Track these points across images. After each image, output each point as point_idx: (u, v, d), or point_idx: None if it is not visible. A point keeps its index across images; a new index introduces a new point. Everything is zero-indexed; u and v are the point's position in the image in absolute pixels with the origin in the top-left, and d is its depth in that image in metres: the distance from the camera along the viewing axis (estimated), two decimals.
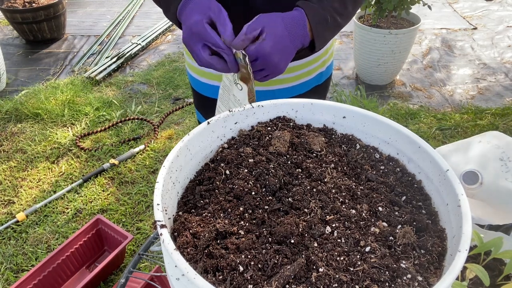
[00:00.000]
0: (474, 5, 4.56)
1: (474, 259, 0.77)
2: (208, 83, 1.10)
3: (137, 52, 3.67)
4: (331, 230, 0.55)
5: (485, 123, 2.69)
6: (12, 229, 2.05)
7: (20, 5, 3.65)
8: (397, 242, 0.54)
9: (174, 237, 0.55)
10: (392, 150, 0.69)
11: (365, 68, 3.16)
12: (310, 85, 1.11)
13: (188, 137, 0.64)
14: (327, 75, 1.16)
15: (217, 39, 0.75)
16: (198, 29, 0.75)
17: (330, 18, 0.83)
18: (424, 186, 0.64)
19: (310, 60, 1.06)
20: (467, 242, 0.48)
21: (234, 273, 0.49)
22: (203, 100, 1.15)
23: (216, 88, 1.09)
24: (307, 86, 1.11)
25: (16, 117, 2.84)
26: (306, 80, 1.09)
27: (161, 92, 3.15)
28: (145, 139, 2.65)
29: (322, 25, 0.82)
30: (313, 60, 1.07)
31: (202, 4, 0.77)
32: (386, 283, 0.49)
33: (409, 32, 2.88)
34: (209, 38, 0.75)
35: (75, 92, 3.06)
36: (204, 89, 1.13)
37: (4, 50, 3.71)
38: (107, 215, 2.12)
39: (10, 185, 2.31)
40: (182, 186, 0.64)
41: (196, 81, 1.14)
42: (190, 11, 0.77)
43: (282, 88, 1.07)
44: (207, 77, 1.10)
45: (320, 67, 1.11)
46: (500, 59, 3.51)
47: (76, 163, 2.46)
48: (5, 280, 1.82)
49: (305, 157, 0.67)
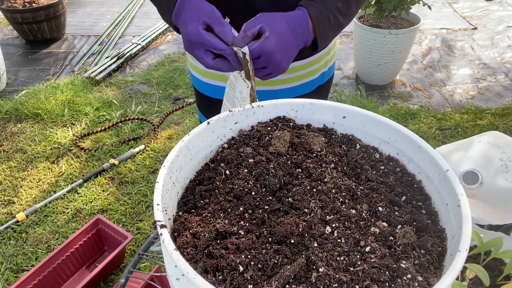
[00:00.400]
0: (474, 5, 4.56)
1: (474, 259, 0.77)
2: (211, 83, 1.11)
3: (137, 52, 3.67)
4: (331, 230, 0.55)
5: (485, 123, 2.69)
6: (12, 229, 2.05)
7: (20, 5, 3.65)
8: (397, 242, 0.54)
9: (174, 237, 0.55)
10: (392, 150, 0.69)
11: (365, 68, 3.16)
12: (313, 85, 1.11)
13: (188, 137, 0.64)
14: (330, 75, 1.17)
15: (217, 42, 0.75)
16: (196, 37, 0.76)
17: (333, 17, 0.83)
18: (424, 186, 0.64)
19: (313, 60, 1.06)
20: (467, 242, 0.48)
21: (234, 273, 0.49)
22: (206, 100, 1.16)
23: (218, 88, 1.10)
24: (310, 86, 1.11)
25: (16, 117, 2.84)
26: (309, 80, 1.09)
27: (161, 92, 3.16)
28: (145, 139, 2.65)
29: (324, 24, 0.82)
30: (316, 60, 1.07)
31: (195, 9, 0.77)
32: (386, 283, 0.49)
33: (409, 32, 2.88)
34: (208, 43, 0.75)
35: (75, 92, 3.06)
36: (206, 89, 1.13)
37: (4, 50, 3.71)
38: (107, 215, 2.12)
39: (10, 185, 2.31)
40: (182, 186, 0.64)
41: (199, 81, 1.14)
42: (185, 18, 0.78)
43: (285, 88, 1.08)
44: (209, 77, 1.10)
45: (323, 67, 1.11)
46: (500, 59, 3.51)
47: (76, 163, 2.46)
48: (5, 280, 1.82)
49: (305, 157, 0.67)
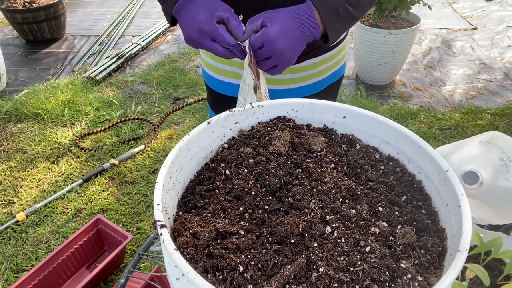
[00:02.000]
0: (474, 5, 4.55)
1: (474, 259, 0.77)
2: (224, 80, 1.12)
3: (137, 52, 3.67)
4: (331, 230, 0.55)
5: (485, 123, 2.69)
6: (12, 229, 2.05)
7: (20, 5, 3.65)
8: (397, 242, 0.54)
9: (174, 237, 0.55)
10: (392, 150, 0.69)
11: (365, 68, 3.16)
12: (324, 84, 1.12)
13: (188, 137, 0.64)
14: (341, 73, 1.17)
15: (227, 37, 0.78)
16: (209, 28, 0.78)
17: (342, 9, 0.82)
18: (424, 186, 0.64)
19: (324, 58, 1.06)
20: (467, 242, 0.48)
21: (234, 273, 0.49)
22: (218, 97, 1.17)
23: (230, 86, 1.11)
24: (321, 85, 1.11)
25: (16, 117, 2.84)
26: (321, 79, 1.10)
27: (161, 92, 3.15)
28: (145, 139, 2.65)
29: (333, 15, 0.81)
30: (327, 59, 1.07)
31: (210, 3, 0.79)
32: (386, 283, 0.49)
33: (409, 32, 2.88)
34: (220, 36, 0.78)
35: (75, 92, 3.06)
36: (219, 87, 1.15)
37: (4, 50, 3.71)
38: (107, 215, 2.12)
39: (10, 185, 2.31)
40: (182, 186, 0.64)
41: (212, 78, 1.15)
42: (196, 9, 0.79)
43: (297, 87, 1.08)
44: (222, 75, 1.11)
45: (335, 66, 1.11)
46: (500, 59, 3.51)
47: (76, 163, 2.46)
48: (5, 280, 1.82)
49: (305, 157, 0.67)
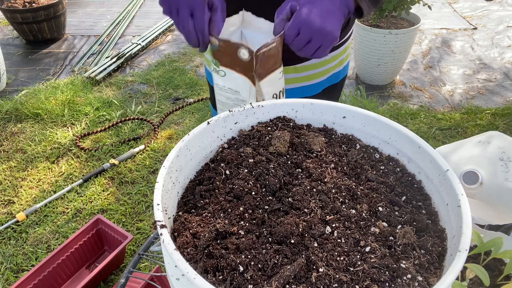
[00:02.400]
0: (474, 5, 4.55)
1: (474, 259, 0.77)
2: None
3: (137, 52, 3.67)
4: (331, 230, 0.55)
5: (485, 123, 2.69)
6: (12, 229, 2.05)
7: (20, 5, 3.65)
8: (397, 242, 0.54)
9: (174, 237, 0.55)
10: (392, 150, 0.69)
11: (365, 68, 3.16)
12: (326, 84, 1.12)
13: (188, 137, 0.64)
14: (344, 74, 1.17)
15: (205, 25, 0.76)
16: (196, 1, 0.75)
17: None
18: (424, 186, 0.64)
19: (329, 57, 1.07)
20: (467, 242, 0.48)
21: (234, 273, 0.49)
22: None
23: None
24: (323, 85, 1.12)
25: (16, 117, 2.84)
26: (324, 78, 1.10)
27: (161, 92, 3.15)
28: (145, 139, 2.65)
29: None
30: (332, 58, 1.07)
31: None
32: (386, 283, 0.49)
33: (409, 32, 2.88)
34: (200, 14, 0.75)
35: (75, 92, 3.06)
36: None
37: (4, 50, 3.71)
38: (107, 215, 2.12)
39: (10, 185, 2.31)
40: (182, 186, 0.64)
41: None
42: None
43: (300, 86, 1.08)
44: None
45: (338, 66, 1.11)
46: (500, 59, 3.51)
47: (76, 163, 2.46)
48: (5, 280, 1.82)
49: (305, 157, 0.67)
